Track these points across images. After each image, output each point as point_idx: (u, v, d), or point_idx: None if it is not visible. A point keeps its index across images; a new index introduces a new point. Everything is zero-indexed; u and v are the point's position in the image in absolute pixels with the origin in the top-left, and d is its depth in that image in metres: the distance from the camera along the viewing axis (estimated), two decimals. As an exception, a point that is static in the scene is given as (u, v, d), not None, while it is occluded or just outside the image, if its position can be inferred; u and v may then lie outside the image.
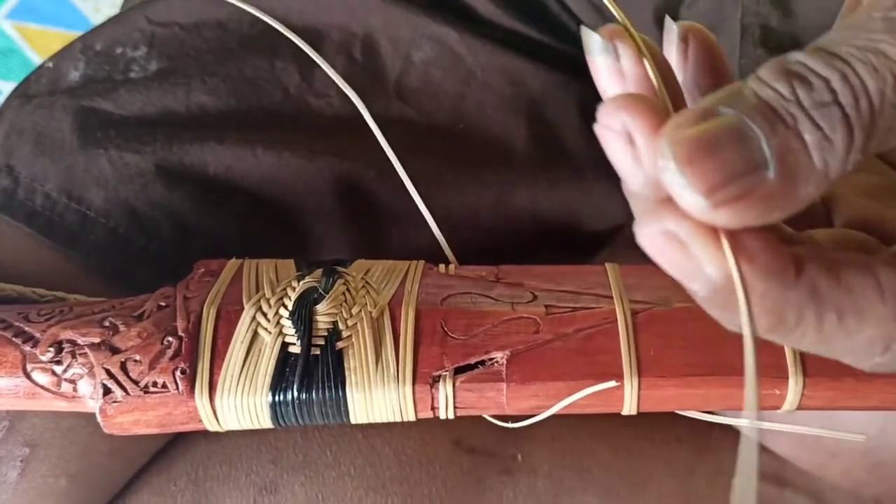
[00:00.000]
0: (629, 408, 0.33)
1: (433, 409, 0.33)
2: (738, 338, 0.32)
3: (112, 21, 0.48)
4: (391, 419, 0.33)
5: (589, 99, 0.50)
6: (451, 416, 0.33)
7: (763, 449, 0.48)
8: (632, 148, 0.22)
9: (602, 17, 0.48)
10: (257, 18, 0.45)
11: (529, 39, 0.49)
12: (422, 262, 0.36)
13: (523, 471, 0.44)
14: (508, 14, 0.48)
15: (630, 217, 0.24)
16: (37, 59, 1.00)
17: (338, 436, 0.42)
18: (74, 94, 0.45)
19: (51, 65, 0.47)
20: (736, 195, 0.21)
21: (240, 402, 0.32)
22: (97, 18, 1.00)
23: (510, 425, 0.35)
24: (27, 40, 1.00)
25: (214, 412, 0.32)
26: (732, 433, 0.50)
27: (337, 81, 0.36)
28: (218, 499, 0.41)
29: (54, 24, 1.00)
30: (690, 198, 0.21)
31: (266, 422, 0.32)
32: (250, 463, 0.41)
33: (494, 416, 0.34)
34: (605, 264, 0.36)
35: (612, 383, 0.32)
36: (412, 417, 0.33)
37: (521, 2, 0.49)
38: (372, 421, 0.33)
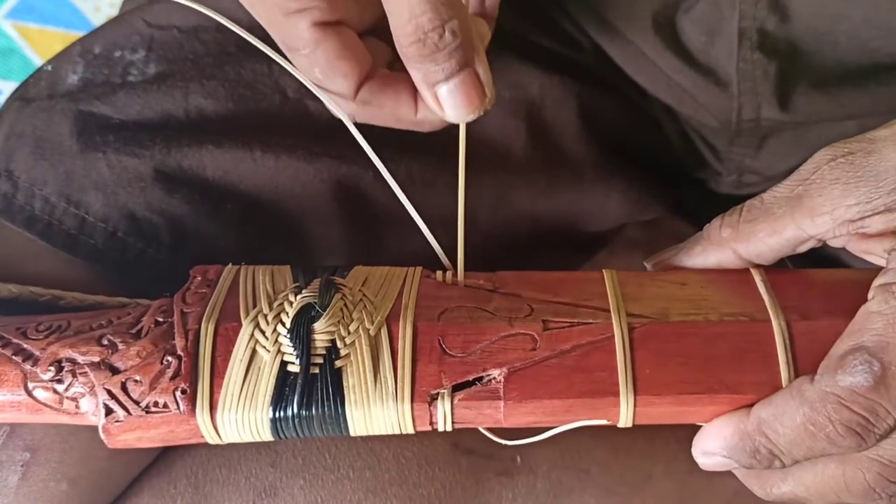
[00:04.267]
0: (624, 422, 0.33)
1: (431, 424, 0.33)
2: (734, 355, 0.32)
3: (110, 24, 0.48)
4: (390, 433, 0.33)
5: (587, 101, 0.50)
6: (449, 429, 0.33)
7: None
8: None
9: (600, 19, 0.48)
10: (256, 21, 0.45)
11: (528, 41, 0.49)
12: (419, 270, 0.36)
13: (522, 472, 0.44)
14: (506, 16, 0.48)
15: (629, 218, 0.24)
16: (37, 59, 1.00)
17: (337, 439, 0.42)
18: (73, 98, 0.44)
19: (49, 68, 0.47)
20: None
21: (240, 419, 0.32)
22: (97, 18, 1.00)
23: (508, 442, 0.36)
24: (27, 40, 1.00)
25: (216, 429, 0.32)
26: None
27: (308, 86, 0.37)
28: (217, 502, 0.41)
29: (54, 24, 1.00)
30: None
31: (266, 436, 0.33)
32: (250, 466, 0.42)
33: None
34: (604, 271, 0.36)
35: (609, 399, 0.32)
36: (411, 431, 0.33)
37: (519, 4, 0.49)
38: (371, 434, 0.33)
